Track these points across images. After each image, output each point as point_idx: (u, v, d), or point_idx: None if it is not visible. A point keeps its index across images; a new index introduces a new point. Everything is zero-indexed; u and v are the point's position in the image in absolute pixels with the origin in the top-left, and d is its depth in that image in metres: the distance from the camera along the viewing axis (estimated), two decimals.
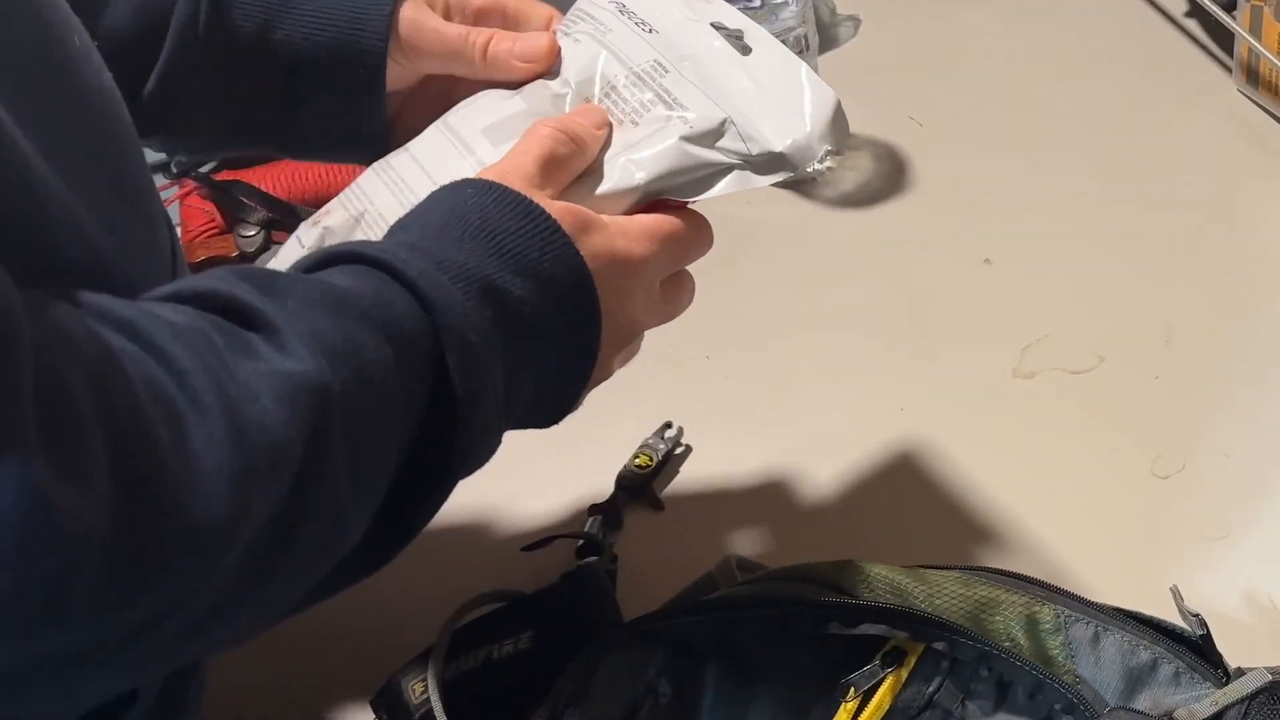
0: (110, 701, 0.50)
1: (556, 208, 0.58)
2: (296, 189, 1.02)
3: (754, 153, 0.63)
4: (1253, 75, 1.04)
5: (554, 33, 0.68)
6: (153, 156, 1.10)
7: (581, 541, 0.78)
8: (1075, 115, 1.07)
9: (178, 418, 0.42)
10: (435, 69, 0.69)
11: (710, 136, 0.63)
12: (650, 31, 0.66)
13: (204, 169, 1.08)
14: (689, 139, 0.63)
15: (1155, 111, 1.06)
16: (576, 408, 0.61)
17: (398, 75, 0.68)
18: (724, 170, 0.63)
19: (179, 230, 1.01)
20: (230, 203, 0.99)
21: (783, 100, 0.63)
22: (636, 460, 0.83)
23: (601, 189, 0.62)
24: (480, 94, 0.68)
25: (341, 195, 0.66)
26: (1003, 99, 1.09)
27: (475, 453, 0.54)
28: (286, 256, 0.65)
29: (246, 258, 0.97)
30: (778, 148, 0.62)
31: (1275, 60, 0.99)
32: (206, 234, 1.00)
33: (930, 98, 1.10)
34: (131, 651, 0.43)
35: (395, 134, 0.70)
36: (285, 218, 0.98)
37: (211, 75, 0.68)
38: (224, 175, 1.03)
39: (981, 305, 0.92)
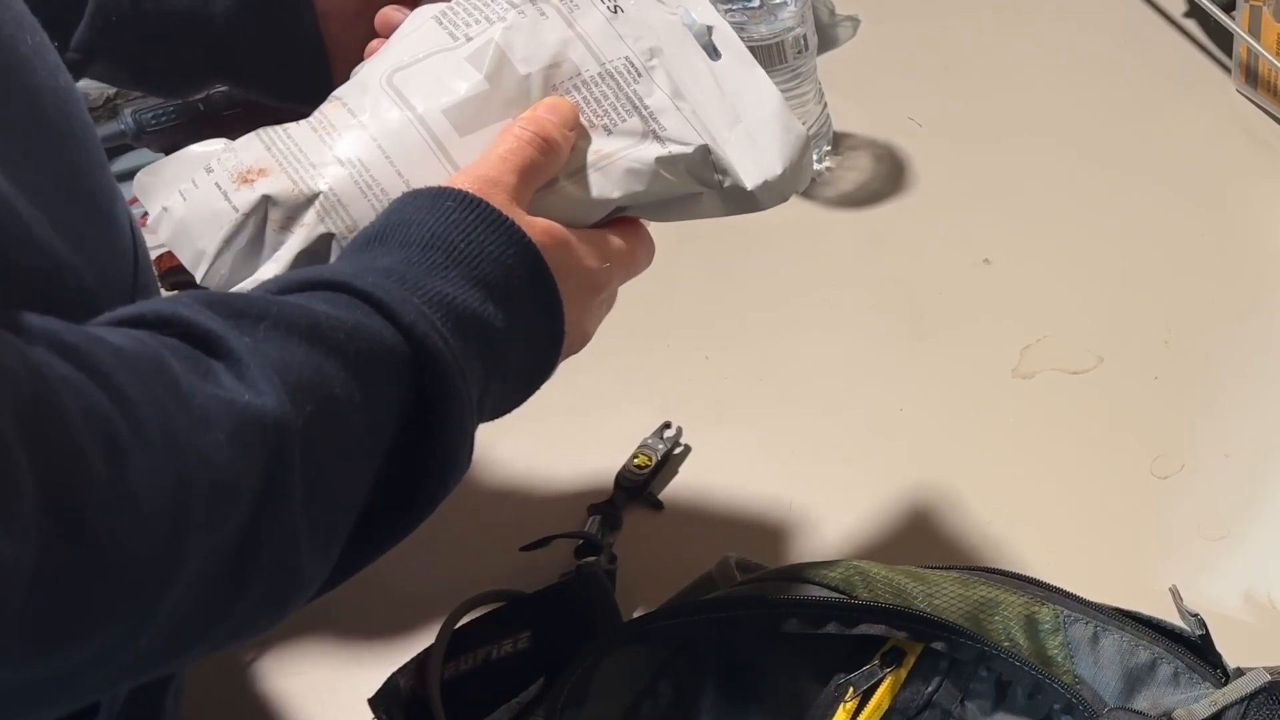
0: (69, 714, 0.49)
1: (538, 230, 0.57)
2: None
3: (725, 185, 0.63)
4: (1252, 75, 1.04)
5: None
6: (152, 157, 1.10)
7: (581, 541, 0.78)
8: (1075, 115, 1.07)
9: (118, 449, 0.40)
10: None
11: (683, 163, 0.63)
12: (616, 11, 0.64)
13: None
14: (664, 162, 0.62)
15: (1155, 112, 1.06)
16: None
17: None
18: (692, 197, 0.63)
19: None
20: None
21: (756, 132, 0.63)
22: (636, 460, 0.83)
23: (575, 202, 0.62)
24: (412, 37, 0.65)
25: (271, 148, 0.62)
26: (1002, 99, 1.09)
27: (448, 482, 0.53)
28: (198, 201, 0.61)
29: None
30: (749, 186, 0.63)
31: (1274, 60, 0.99)
32: None
33: (930, 98, 1.10)
34: (67, 689, 0.42)
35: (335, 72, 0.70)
36: None
37: (137, 4, 0.68)
38: None
39: (981, 305, 0.92)
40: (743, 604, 0.66)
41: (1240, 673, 0.60)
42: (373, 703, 0.69)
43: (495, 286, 0.54)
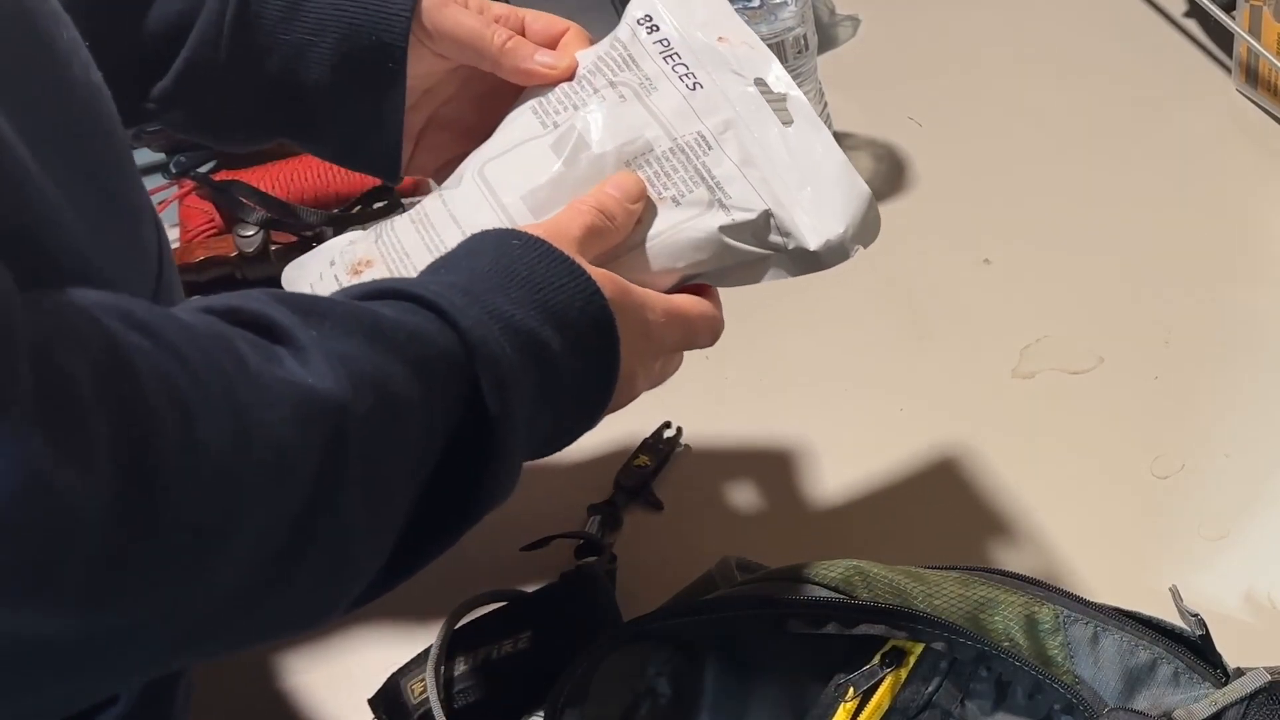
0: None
1: (598, 273, 0.59)
2: (295, 189, 1.01)
3: (790, 248, 0.65)
4: (1252, 75, 1.04)
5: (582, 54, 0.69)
6: (152, 156, 1.10)
7: (581, 541, 0.78)
8: (1075, 115, 1.07)
9: (187, 412, 0.41)
10: (453, 54, 0.69)
11: (748, 229, 0.64)
12: (695, 88, 0.67)
13: (203, 169, 1.08)
14: (727, 230, 0.64)
15: (1155, 111, 1.06)
16: None
17: (419, 65, 0.69)
18: (759, 261, 0.65)
19: (177, 230, 1.01)
20: (229, 202, 0.99)
21: (821, 194, 0.65)
22: (636, 460, 0.83)
23: (641, 269, 0.64)
24: (509, 126, 0.68)
25: (379, 240, 0.67)
26: (1002, 99, 1.09)
27: (495, 498, 0.55)
28: (321, 288, 0.65)
29: (246, 258, 0.97)
30: (812, 246, 0.64)
31: (1274, 60, 0.99)
32: (206, 234, 1.00)
33: (930, 98, 1.10)
34: (114, 657, 0.43)
35: (409, 151, 0.71)
36: (284, 217, 0.98)
37: (230, 67, 0.69)
38: (223, 175, 1.03)
39: (981, 305, 0.92)
40: (743, 604, 0.66)
41: (1240, 673, 0.60)
42: (373, 703, 0.69)
43: (555, 313, 0.57)
